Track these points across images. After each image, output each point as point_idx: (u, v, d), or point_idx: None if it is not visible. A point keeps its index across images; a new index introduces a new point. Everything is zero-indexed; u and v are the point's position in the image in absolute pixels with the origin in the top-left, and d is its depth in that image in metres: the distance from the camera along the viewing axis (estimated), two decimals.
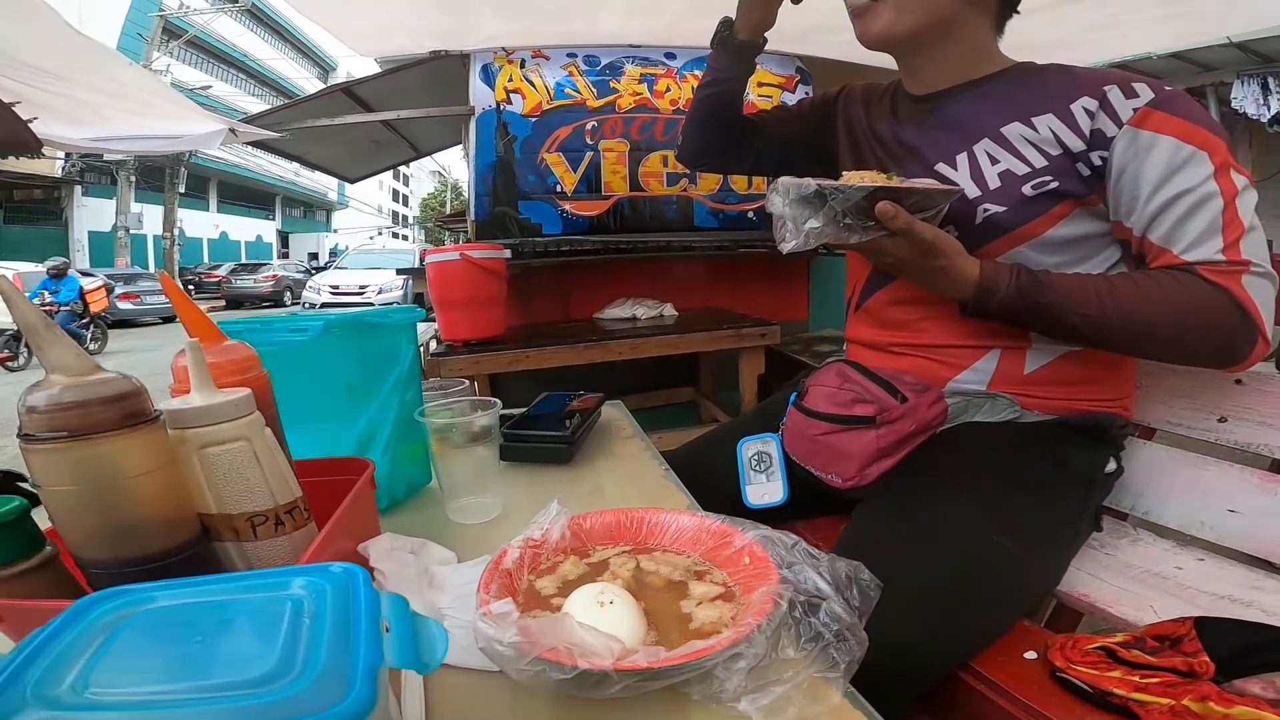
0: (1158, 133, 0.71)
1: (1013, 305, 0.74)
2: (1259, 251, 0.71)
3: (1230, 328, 0.70)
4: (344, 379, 0.64)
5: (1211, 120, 0.73)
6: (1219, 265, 0.70)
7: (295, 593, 0.29)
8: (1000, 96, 0.82)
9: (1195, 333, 0.71)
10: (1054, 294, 0.73)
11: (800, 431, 0.86)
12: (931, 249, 0.73)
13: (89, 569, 0.38)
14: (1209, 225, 0.70)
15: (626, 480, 0.77)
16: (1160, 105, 0.72)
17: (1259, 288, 0.70)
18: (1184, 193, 0.70)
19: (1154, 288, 0.71)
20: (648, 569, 0.47)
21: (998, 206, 0.79)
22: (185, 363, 0.45)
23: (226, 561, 0.42)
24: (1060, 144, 0.76)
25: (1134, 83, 0.74)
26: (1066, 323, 0.73)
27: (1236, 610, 0.75)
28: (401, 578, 0.49)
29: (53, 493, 0.36)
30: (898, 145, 0.91)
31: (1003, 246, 0.79)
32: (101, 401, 0.36)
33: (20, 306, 0.37)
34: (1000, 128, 0.80)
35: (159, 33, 15.93)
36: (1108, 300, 0.72)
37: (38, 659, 0.24)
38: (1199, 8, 1.79)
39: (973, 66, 0.85)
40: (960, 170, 0.82)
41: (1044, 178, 0.77)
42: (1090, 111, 0.74)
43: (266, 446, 0.44)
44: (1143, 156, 0.71)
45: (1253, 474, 0.85)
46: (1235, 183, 0.70)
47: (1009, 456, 0.78)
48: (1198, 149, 0.70)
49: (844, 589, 0.40)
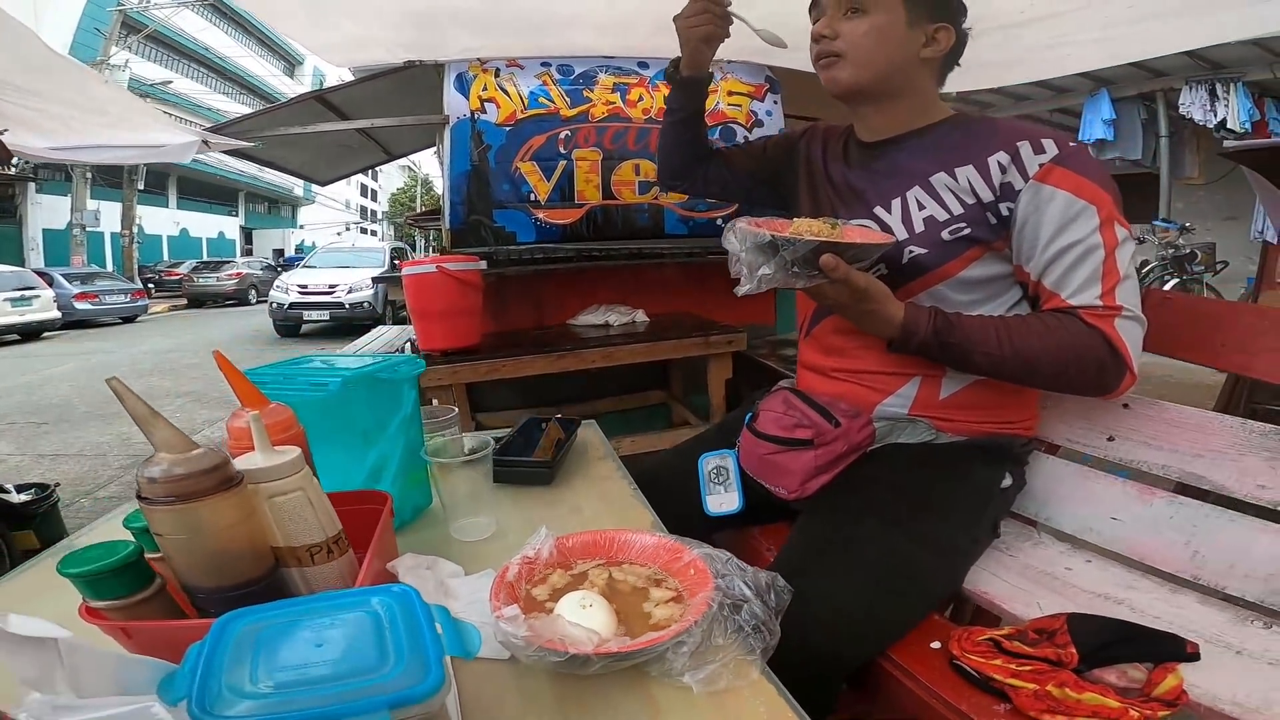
0: (1056, 188, 0.84)
1: (929, 344, 0.87)
2: (1132, 298, 0.84)
3: (1102, 364, 0.84)
4: (358, 425, 0.77)
5: (1104, 176, 0.86)
6: (1097, 309, 0.83)
7: (374, 608, 0.42)
8: (933, 147, 0.95)
9: (1074, 368, 0.85)
10: (962, 335, 0.86)
11: (752, 450, 1.00)
12: (864, 295, 0.84)
13: (194, 594, 0.51)
14: (1091, 274, 0.84)
15: (600, 499, 0.91)
16: (1062, 161, 0.85)
17: (1129, 330, 0.84)
18: (1073, 244, 0.84)
19: (1043, 330, 0.85)
20: (618, 578, 0.61)
21: (921, 249, 0.92)
22: (242, 425, 0.59)
23: (291, 583, 0.55)
24: (975, 194, 0.89)
25: (1043, 139, 0.86)
26: (972, 360, 0.88)
27: (1110, 607, 0.88)
28: (424, 589, 0.61)
29: (168, 540, 0.49)
30: (846, 188, 1.05)
31: (924, 285, 0.93)
32: (202, 473, 0.48)
33: (129, 401, 0.49)
34: (929, 177, 0.93)
35: (118, 27, 15.32)
36: (1005, 341, 0.85)
37: (212, 663, 0.37)
38: (1128, 31, 1.97)
39: (916, 117, 0.99)
40: (894, 213, 0.96)
41: (959, 224, 0.90)
42: (1003, 165, 0.87)
43: (317, 492, 0.57)
44: (1043, 209, 0.85)
45: (1133, 486, 0.99)
46: (1117, 235, 0.84)
47: (921, 475, 0.92)
48: (1088, 204, 0.83)
49: (763, 593, 0.55)
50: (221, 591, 0.49)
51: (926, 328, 0.86)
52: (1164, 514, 0.95)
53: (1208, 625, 0.83)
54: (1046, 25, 1.95)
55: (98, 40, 15.24)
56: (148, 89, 17.08)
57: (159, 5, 17.09)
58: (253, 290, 15.54)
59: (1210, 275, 5.82)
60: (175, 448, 0.49)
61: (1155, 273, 5.89)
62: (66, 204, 15.04)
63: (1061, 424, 1.10)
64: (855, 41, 0.94)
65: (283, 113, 3.03)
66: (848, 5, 0.94)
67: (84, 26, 15.52)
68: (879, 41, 0.94)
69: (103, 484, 3.34)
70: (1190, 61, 5.41)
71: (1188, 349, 1.03)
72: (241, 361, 0.67)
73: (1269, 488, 0.87)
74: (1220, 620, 0.84)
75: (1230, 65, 5.48)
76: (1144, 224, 6.29)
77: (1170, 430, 0.98)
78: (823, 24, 0.97)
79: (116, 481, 3.37)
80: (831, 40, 0.96)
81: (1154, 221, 6.03)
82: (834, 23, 0.96)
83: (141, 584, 0.50)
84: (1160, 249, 5.91)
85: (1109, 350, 0.83)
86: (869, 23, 0.93)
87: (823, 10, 0.98)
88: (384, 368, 0.80)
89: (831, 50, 0.96)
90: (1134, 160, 6.51)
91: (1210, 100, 5.67)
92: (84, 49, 15.09)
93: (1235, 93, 5.54)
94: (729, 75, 2.62)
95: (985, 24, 1.96)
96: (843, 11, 0.95)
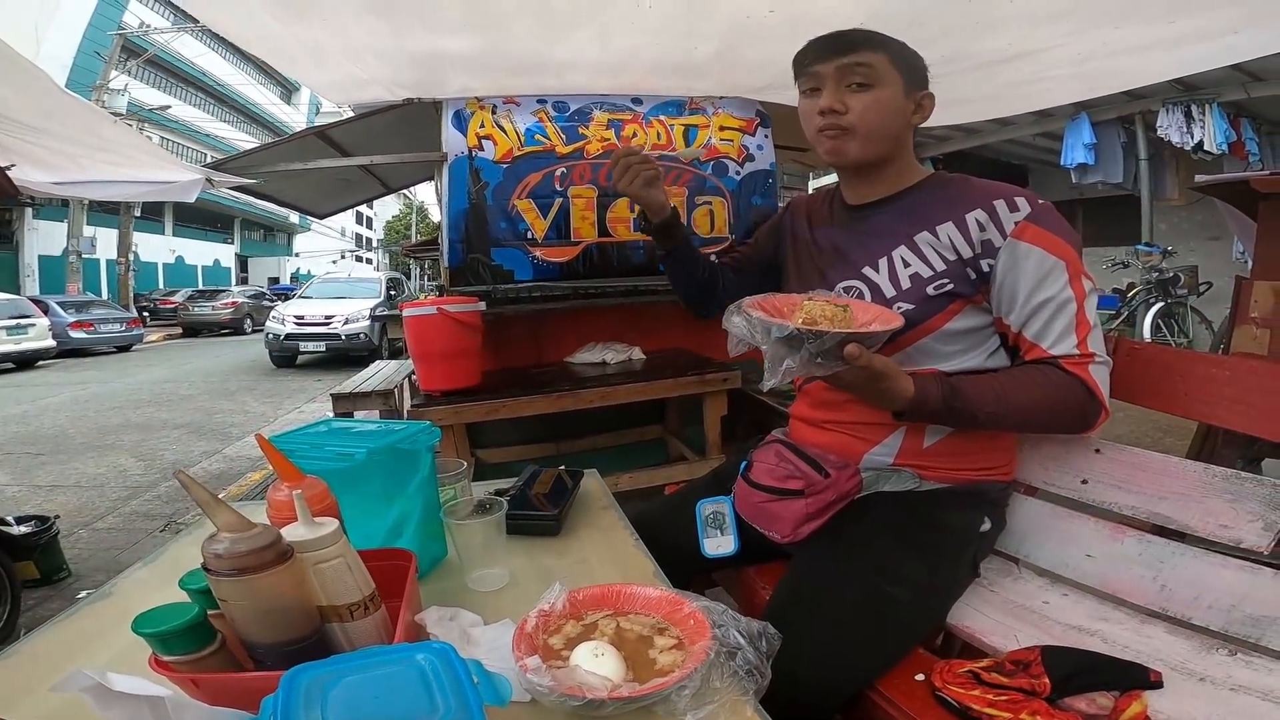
0: (1032, 245, 0.92)
1: (939, 412, 0.92)
2: (1100, 344, 0.94)
3: (1083, 407, 0.93)
4: (381, 489, 0.84)
5: (1070, 231, 0.94)
6: (1075, 358, 0.92)
7: (419, 662, 0.48)
8: (915, 208, 1.01)
9: (1061, 413, 0.94)
10: (966, 399, 0.92)
11: (746, 498, 1.07)
12: (881, 375, 0.86)
13: (253, 649, 0.57)
14: (1067, 326, 0.92)
15: (605, 548, 0.97)
16: (1035, 220, 0.93)
17: (1100, 373, 0.93)
18: (1049, 299, 0.92)
19: (1032, 383, 0.93)
20: (625, 627, 0.67)
21: (908, 304, 0.98)
22: (281, 498, 0.67)
23: (335, 637, 0.61)
24: (956, 250, 0.96)
25: (1016, 197, 0.94)
26: (977, 419, 0.93)
27: (1082, 639, 0.94)
28: (449, 638, 0.68)
29: (231, 605, 0.56)
30: (834, 251, 1.10)
31: (913, 338, 0.99)
32: (261, 549, 0.55)
33: (195, 491, 0.56)
34: (913, 235, 0.99)
35: (117, 51, 15.43)
36: (1003, 398, 0.92)
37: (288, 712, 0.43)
38: (1104, 65, 2.07)
39: (899, 180, 1.05)
40: (882, 272, 1.02)
41: (943, 280, 0.97)
42: (981, 223, 0.94)
43: (353, 556, 0.63)
44: (1020, 265, 0.93)
45: (1105, 525, 1.06)
46: (1084, 288, 0.93)
47: (906, 521, 0.99)
48: (1059, 260, 0.92)
49: (755, 640, 0.61)
50: (278, 646, 0.56)
51: (936, 396, 0.90)
52: (1134, 551, 1.01)
53: (1174, 654, 0.89)
54: (1025, 61, 2.02)
55: (98, 64, 15.37)
56: (147, 114, 17.24)
57: (159, 30, 17.30)
58: (248, 319, 15.51)
59: (1194, 298, 5.90)
60: (236, 528, 0.55)
61: (1140, 297, 5.96)
62: (63, 230, 15.04)
63: (1039, 468, 1.17)
64: (864, 115, 0.98)
65: (284, 148, 3.08)
66: (853, 79, 0.97)
67: (84, 50, 15.69)
68: (886, 114, 0.98)
69: (101, 515, 3.36)
70: (1166, 83, 5.37)
71: (1156, 398, 1.09)
72: (237, 393, 0.73)
73: (1230, 527, 0.93)
74: (1186, 649, 0.90)
75: (1205, 86, 5.50)
76: (1127, 247, 6.41)
77: (1138, 474, 1.05)
78: (830, 98, 0.99)
79: (114, 513, 3.38)
80: (842, 114, 0.99)
81: (1137, 246, 6.13)
82: (841, 96, 0.98)
83: (206, 641, 0.56)
84: (1144, 273, 6.00)
85: (1087, 394, 0.92)
86: (875, 96, 0.97)
87: (821, 82, 1.00)
88: (404, 438, 0.87)
89: (840, 125, 0.99)
90: (1115, 183, 6.59)
91: (1187, 122, 5.69)
92: (84, 73, 15.25)
93: (1211, 114, 5.55)
94: (720, 110, 2.64)
95: (966, 63, 2.07)
96: (847, 85, 0.98)
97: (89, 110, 2.76)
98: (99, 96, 14.27)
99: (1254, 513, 0.91)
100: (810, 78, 1.02)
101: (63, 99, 2.51)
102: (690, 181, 2.68)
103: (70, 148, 2.99)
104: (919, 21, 1.76)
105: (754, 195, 2.77)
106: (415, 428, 0.90)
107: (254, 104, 25.72)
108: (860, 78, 0.97)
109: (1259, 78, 5.30)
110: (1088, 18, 1.68)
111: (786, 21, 1.66)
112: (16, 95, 2.37)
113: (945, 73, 2.09)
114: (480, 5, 1.71)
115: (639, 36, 1.97)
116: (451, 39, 1.94)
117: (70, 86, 10.31)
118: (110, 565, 2.63)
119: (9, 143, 2.80)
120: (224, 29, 1.82)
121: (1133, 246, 6.19)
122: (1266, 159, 5.97)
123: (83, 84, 14.50)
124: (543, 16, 1.81)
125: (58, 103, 2.50)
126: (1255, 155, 5.82)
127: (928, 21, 1.76)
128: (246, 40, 1.88)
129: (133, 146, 3.12)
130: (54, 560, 2.52)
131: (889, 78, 0.98)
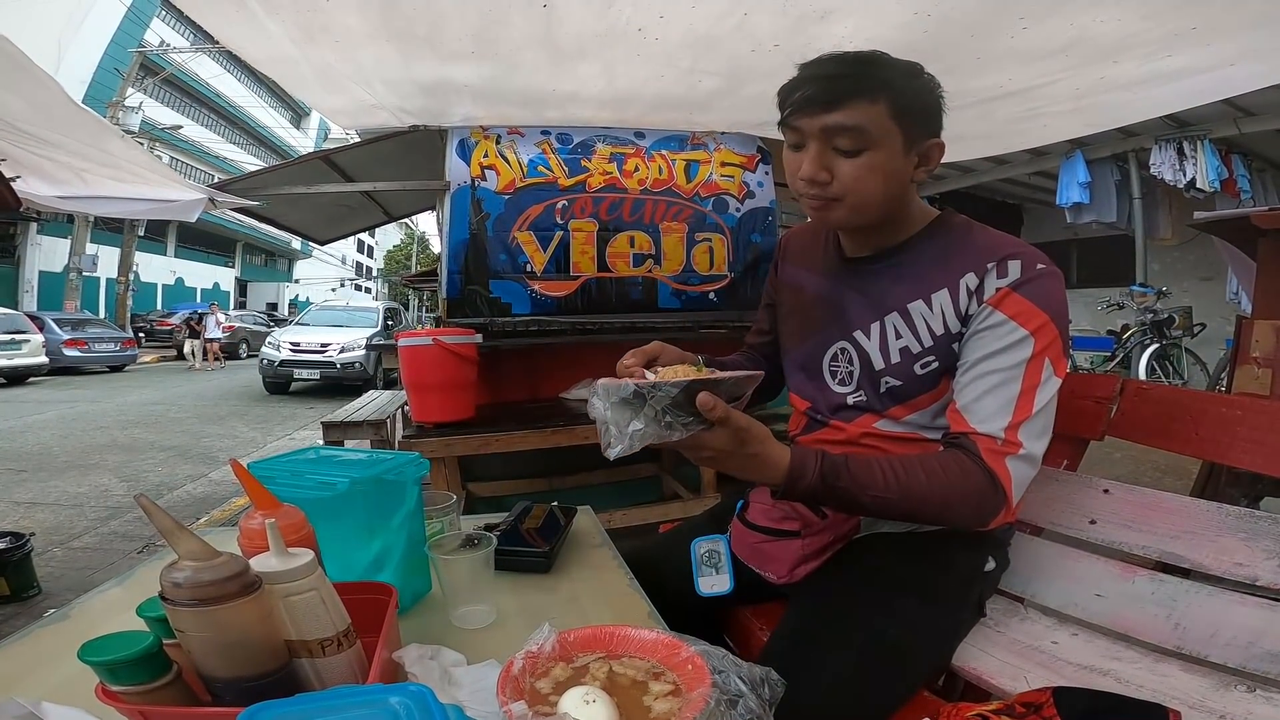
0: (1005, 314, 0.82)
1: (816, 490, 0.79)
2: (1034, 439, 0.82)
3: (981, 501, 0.82)
4: (364, 521, 0.80)
5: (1058, 306, 0.82)
6: (995, 442, 0.81)
7: (392, 705, 0.44)
8: (915, 266, 0.91)
9: (959, 505, 0.82)
10: (849, 479, 0.80)
11: (742, 538, 1.03)
12: (746, 436, 0.75)
13: (212, 684, 0.53)
14: (1003, 405, 0.81)
15: (597, 587, 0.93)
16: (1018, 286, 0.82)
17: (1019, 469, 0.81)
18: (995, 370, 0.82)
19: (929, 469, 0.81)
20: (618, 671, 0.62)
21: (896, 380, 0.92)
22: (254, 526, 0.63)
23: (303, 674, 0.57)
24: (945, 324, 0.87)
25: (1010, 260, 0.83)
26: (860, 502, 0.81)
27: (1095, 679, 0.91)
28: (429, 678, 0.64)
29: (190, 636, 0.51)
30: (827, 304, 1.01)
31: (903, 412, 0.93)
32: (225, 579, 0.51)
33: (156, 517, 0.53)
34: (908, 304, 0.90)
35: (136, 68, 15.67)
36: (893, 482, 0.80)
37: None
38: (1102, 100, 2.10)
39: (900, 230, 0.93)
40: (873, 339, 0.94)
41: (929, 357, 0.89)
42: (970, 289, 0.84)
43: (328, 590, 0.59)
44: (983, 331, 0.83)
45: (1115, 565, 1.03)
46: (1043, 373, 0.81)
47: (906, 563, 0.94)
48: (1029, 334, 0.81)
49: (757, 687, 0.57)
50: (239, 681, 0.52)
51: (814, 473, 0.78)
52: (1146, 589, 0.99)
53: (1192, 691, 0.87)
54: (1023, 97, 2.06)
55: (115, 80, 15.61)
56: (159, 133, 17.45)
57: (177, 50, 17.60)
58: (244, 344, 15.50)
59: (1188, 339, 5.93)
60: (199, 556, 0.51)
61: (1135, 338, 5.99)
62: (65, 246, 15.11)
63: (1043, 508, 1.14)
64: (853, 184, 0.84)
65: (288, 171, 3.10)
66: (840, 143, 0.82)
67: (104, 66, 15.90)
68: (881, 180, 0.84)
69: (77, 534, 3.29)
70: (1158, 120, 5.41)
71: (1165, 439, 1.07)
72: (228, 418, 0.70)
73: (1246, 565, 0.92)
74: (1204, 686, 0.88)
75: (1196, 123, 5.52)
76: (1121, 288, 6.45)
77: (1149, 514, 1.03)
78: (812, 166, 0.84)
79: (91, 533, 3.32)
80: (826, 184, 0.85)
81: (1132, 287, 6.16)
82: (826, 161, 0.84)
83: (160, 672, 0.52)
84: (1139, 314, 6.03)
85: (991, 487, 0.81)
86: (868, 162, 0.82)
87: (804, 139, 0.85)
88: (390, 469, 0.83)
89: (826, 195, 0.86)
90: (1109, 222, 6.65)
91: (1179, 160, 5.66)
92: (102, 88, 15.47)
93: (1203, 150, 5.56)
94: (722, 146, 2.67)
95: (965, 99, 2.10)
96: (832, 147, 0.83)
97: (97, 123, 2.77)
98: (114, 114, 14.48)
99: (1269, 550, 0.90)
100: (793, 131, 0.86)
101: (72, 111, 2.51)
102: (690, 218, 2.70)
103: (76, 161, 2.99)
104: (923, 58, 1.79)
105: (753, 232, 2.78)
106: (403, 459, 0.86)
107: (264, 127, 26.09)
108: (848, 142, 0.82)
109: (1250, 112, 5.36)
110: (1086, 53, 1.72)
111: (791, 56, 1.68)
112: (27, 105, 2.38)
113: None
114: (489, 35, 1.74)
115: (644, 69, 2.00)
116: (459, 67, 1.97)
117: (87, 102, 10.39)
118: (82, 584, 2.56)
119: (16, 154, 2.81)
120: (241, 49, 1.85)
121: (1127, 287, 6.22)
122: (1258, 196, 6.02)
123: (99, 100, 14.71)
124: (549, 48, 1.84)
125: (67, 114, 2.51)
126: (1247, 192, 5.87)
127: (929, 59, 1.79)
128: (261, 61, 1.91)
129: (138, 163, 3.13)
130: (25, 578, 2.50)
131: (885, 136, 0.81)
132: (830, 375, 1.00)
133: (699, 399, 0.72)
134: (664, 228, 2.68)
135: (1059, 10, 1.53)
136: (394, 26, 1.68)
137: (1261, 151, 6.09)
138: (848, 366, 0.98)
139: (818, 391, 1.03)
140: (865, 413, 0.97)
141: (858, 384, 0.96)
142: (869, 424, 0.97)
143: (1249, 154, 6.05)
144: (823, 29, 1.65)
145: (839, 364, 0.99)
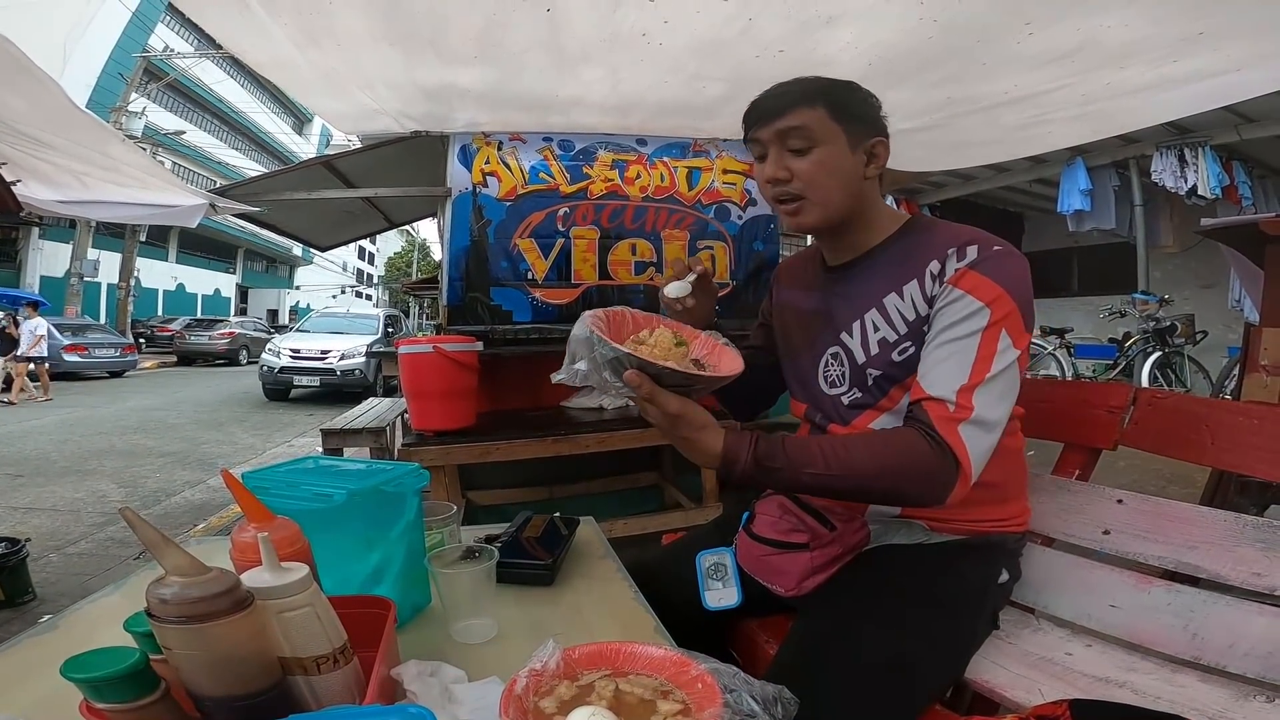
0: (963, 290, 0.85)
1: (750, 473, 0.81)
2: (989, 405, 0.81)
3: (933, 476, 0.80)
4: (361, 533, 0.78)
5: (1016, 283, 0.85)
6: (945, 406, 0.81)
7: None
8: (886, 265, 0.95)
9: (907, 481, 0.81)
10: (784, 459, 0.81)
11: (748, 551, 1.01)
12: (677, 421, 0.78)
13: (202, 702, 0.50)
14: (955, 370, 0.82)
15: (601, 600, 0.90)
16: (976, 265, 0.85)
17: (974, 437, 0.80)
18: (952, 340, 0.84)
19: (874, 447, 0.82)
20: (625, 689, 0.60)
21: (877, 370, 0.94)
22: (246, 539, 0.61)
23: (298, 692, 0.54)
24: (915, 310, 0.90)
25: (969, 245, 0.87)
26: (800, 481, 0.82)
27: (1111, 690, 0.89)
28: (429, 696, 0.61)
29: (180, 655, 0.49)
30: (814, 315, 1.05)
31: (901, 394, 0.93)
32: (215, 595, 0.49)
33: (142, 530, 0.51)
34: (882, 299, 0.94)
35: (139, 73, 15.68)
36: (833, 459, 0.80)
37: None
38: (1107, 107, 2.09)
39: (872, 235, 0.99)
40: (855, 337, 0.97)
41: (905, 344, 0.91)
42: (934, 274, 0.88)
43: (324, 606, 0.57)
44: (945, 308, 0.86)
45: (1129, 575, 1.02)
46: (1000, 342, 0.82)
47: (917, 576, 0.92)
48: (984, 306, 0.83)
49: (770, 707, 0.55)
50: (229, 700, 0.50)
51: (747, 457, 0.80)
52: (1162, 600, 0.98)
53: (1211, 702, 0.85)
54: (1029, 103, 2.04)
55: (119, 85, 15.62)
56: (162, 139, 17.48)
57: (181, 55, 17.65)
58: (244, 351, 15.49)
59: (1190, 346, 5.90)
60: (187, 571, 0.49)
61: (1137, 346, 5.95)
62: (67, 251, 15.09)
63: (1055, 519, 1.13)
64: (810, 179, 0.92)
65: (289, 176, 3.08)
66: (791, 143, 0.92)
67: (109, 71, 15.89)
68: (831, 173, 0.92)
69: (74, 540, 3.26)
70: (1159, 127, 5.29)
71: (1179, 448, 1.06)
72: (227, 424, 0.68)
73: (1264, 575, 0.91)
74: (1223, 697, 0.86)
75: (1197, 129, 5.48)
76: (1123, 295, 6.43)
77: (1164, 524, 1.02)
78: (773, 167, 0.94)
79: (88, 538, 3.29)
80: (787, 182, 0.93)
81: (1134, 294, 6.13)
82: (785, 161, 0.93)
83: (146, 690, 0.50)
84: (1141, 322, 6.00)
85: (940, 455, 0.80)
86: (817, 158, 0.91)
87: (764, 149, 0.95)
88: (388, 480, 0.80)
89: (790, 193, 0.94)
90: (1110, 230, 6.63)
91: (1180, 166, 5.62)
92: (106, 93, 15.48)
93: (1204, 157, 5.52)
94: (724, 154, 2.67)
95: (970, 106, 2.08)
96: (786, 149, 0.93)
97: (99, 127, 2.75)
98: (117, 119, 14.50)
99: None
100: (755, 144, 0.97)
101: (74, 114, 2.50)
102: (692, 225, 2.69)
103: (77, 165, 2.98)
104: (929, 64, 1.78)
105: (756, 240, 2.77)
106: (402, 469, 0.84)
107: (266, 133, 26.11)
108: (798, 141, 0.91)
109: (1250, 119, 5.34)
110: (1093, 58, 1.70)
111: (796, 62, 1.67)
112: (29, 107, 2.37)
113: (949, 116, 2.11)
114: (493, 38, 1.73)
115: (648, 75, 1.99)
116: (462, 71, 1.96)
117: (91, 106, 10.36)
118: (78, 590, 2.54)
119: (17, 157, 2.80)
120: (243, 53, 1.83)
121: (1129, 295, 6.19)
122: (1260, 202, 6.00)
123: (104, 104, 14.70)
124: (553, 52, 1.82)
125: (69, 117, 2.50)
126: (1249, 199, 5.84)
127: (936, 65, 1.78)
128: (264, 65, 1.89)
129: (139, 167, 3.11)
130: (20, 583, 2.48)
131: (828, 135, 0.91)
132: (824, 381, 1.03)
133: (625, 375, 0.76)
134: (666, 235, 2.67)
135: (1066, 16, 1.52)
136: (397, 29, 1.67)
137: (1262, 158, 6.07)
138: (839, 369, 1.00)
139: (816, 398, 1.05)
140: (864, 411, 0.98)
141: (849, 383, 0.98)
142: (868, 423, 0.97)
143: (1250, 160, 6.02)
144: (828, 34, 1.63)
145: (831, 369, 1.02)
